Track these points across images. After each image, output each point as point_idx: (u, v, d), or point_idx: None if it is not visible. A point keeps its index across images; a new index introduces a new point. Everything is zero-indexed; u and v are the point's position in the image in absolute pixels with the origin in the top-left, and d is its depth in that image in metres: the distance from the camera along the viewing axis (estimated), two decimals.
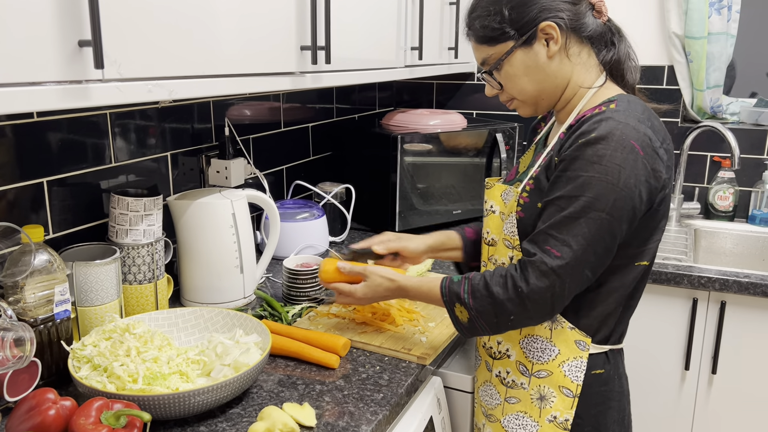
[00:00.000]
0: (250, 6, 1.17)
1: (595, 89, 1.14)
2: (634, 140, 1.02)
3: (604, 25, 1.15)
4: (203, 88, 1.09)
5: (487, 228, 1.25)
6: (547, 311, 1.07)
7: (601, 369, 1.16)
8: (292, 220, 1.89)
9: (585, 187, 1.03)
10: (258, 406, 1.13)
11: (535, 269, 1.05)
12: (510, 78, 1.16)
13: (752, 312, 1.88)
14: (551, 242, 1.04)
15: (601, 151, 1.02)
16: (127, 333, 1.17)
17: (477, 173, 2.24)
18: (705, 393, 1.98)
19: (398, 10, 1.77)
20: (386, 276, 1.27)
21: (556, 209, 1.05)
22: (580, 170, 1.03)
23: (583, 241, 1.03)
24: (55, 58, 0.82)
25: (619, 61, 1.16)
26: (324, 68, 1.41)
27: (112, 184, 1.48)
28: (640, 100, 1.11)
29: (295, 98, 2.12)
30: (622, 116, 1.04)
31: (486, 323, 1.11)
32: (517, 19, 1.10)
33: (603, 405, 1.17)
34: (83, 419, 0.92)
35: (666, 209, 1.12)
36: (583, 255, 1.03)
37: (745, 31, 2.40)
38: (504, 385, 1.22)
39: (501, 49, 1.14)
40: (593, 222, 1.02)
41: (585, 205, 1.02)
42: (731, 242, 2.34)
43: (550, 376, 1.16)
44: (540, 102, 1.17)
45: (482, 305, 1.10)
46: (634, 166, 1.02)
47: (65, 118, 1.34)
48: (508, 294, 1.07)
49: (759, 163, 2.36)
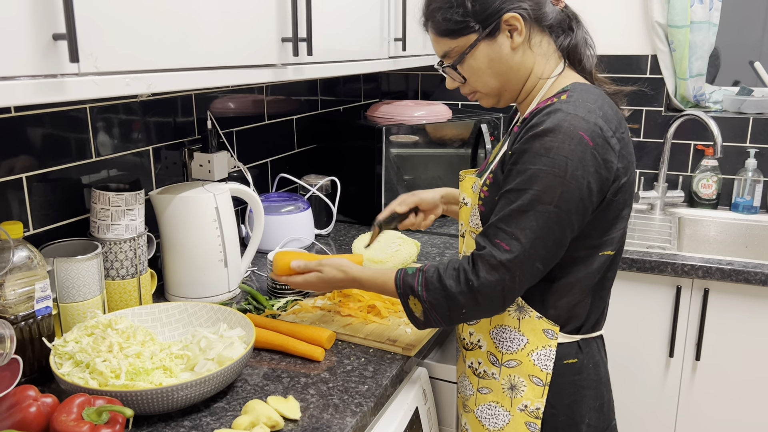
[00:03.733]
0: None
1: (554, 78, 1.13)
2: (582, 131, 1.01)
3: (561, 12, 1.14)
4: (182, 81, 1.08)
5: (461, 220, 1.25)
6: (498, 304, 1.06)
7: (574, 358, 1.16)
8: (277, 213, 1.88)
9: (532, 180, 1.02)
10: (242, 400, 1.13)
11: (485, 263, 1.04)
12: (474, 71, 1.14)
13: (735, 299, 1.90)
14: (500, 236, 1.04)
15: (549, 143, 1.01)
16: (110, 329, 1.16)
17: (463, 164, 2.24)
18: (689, 379, 2.00)
19: (381, 1, 1.76)
20: (340, 268, 1.26)
21: (506, 202, 1.05)
22: (528, 163, 1.03)
23: (532, 234, 1.02)
24: (29, 52, 0.81)
25: (576, 47, 1.15)
26: (306, 60, 1.40)
27: (94, 178, 1.46)
28: (596, 89, 1.10)
29: (279, 90, 2.11)
30: (572, 107, 1.03)
31: (439, 316, 1.10)
32: (480, 11, 1.08)
33: (577, 394, 1.17)
34: (65, 416, 0.92)
35: (626, 198, 1.11)
36: (532, 248, 1.03)
37: (728, 19, 2.41)
38: (476, 376, 1.23)
39: (464, 42, 1.11)
40: (541, 215, 1.02)
41: (532, 198, 1.02)
42: (715, 230, 2.36)
43: (520, 365, 1.16)
44: (503, 94, 1.17)
45: (435, 298, 1.09)
46: (582, 158, 1.01)
47: (45, 112, 1.32)
48: (460, 287, 1.06)
49: (741, 151, 2.37)
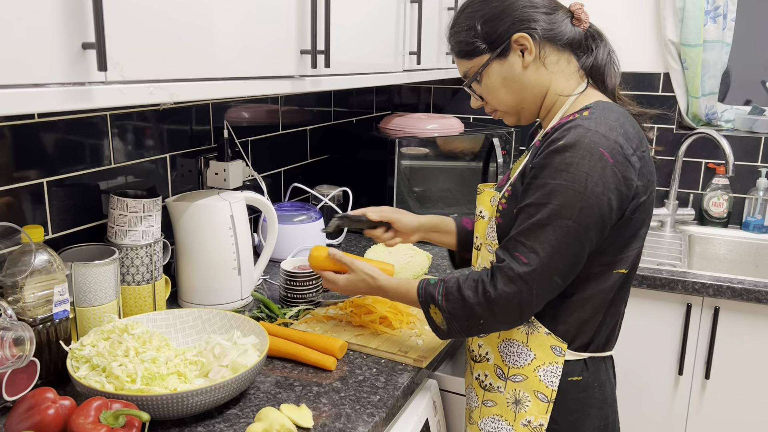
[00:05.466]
0: (251, 10, 1.18)
1: (575, 96, 1.14)
2: (603, 148, 1.02)
3: (584, 32, 1.15)
4: (204, 90, 1.10)
5: (477, 233, 1.25)
6: (515, 317, 1.07)
7: (579, 376, 1.15)
8: (290, 222, 1.90)
9: (552, 195, 1.03)
10: (255, 407, 1.14)
11: (503, 275, 1.06)
12: (489, 90, 1.18)
13: (745, 318, 1.90)
14: (520, 249, 1.05)
15: (569, 158, 1.03)
16: (126, 333, 1.17)
17: (473, 178, 2.25)
18: (698, 398, 1.99)
19: (397, 15, 1.78)
20: (369, 273, 1.30)
21: (526, 216, 1.06)
22: (549, 178, 1.04)
23: (550, 248, 1.03)
24: (58, 60, 0.83)
25: (599, 66, 1.16)
26: (323, 72, 1.41)
27: (111, 185, 1.48)
28: (618, 107, 1.11)
29: (294, 101, 2.13)
30: (592, 123, 1.04)
31: (459, 326, 1.12)
32: (490, 32, 1.13)
33: (581, 412, 1.16)
34: (82, 419, 0.93)
35: (644, 217, 1.11)
36: (550, 262, 1.04)
37: (740, 39, 2.42)
38: (482, 388, 1.23)
39: (478, 62, 1.16)
40: (560, 229, 1.03)
41: (552, 213, 1.03)
42: (725, 248, 2.36)
43: (526, 380, 1.16)
44: (522, 111, 1.19)
45: (454, 308, 1.11)
46: (603, 174, 1.02)
47: (65, 119, 1.34)
48: (477, 298, 1.08)
49: (753, 170, 2.38)
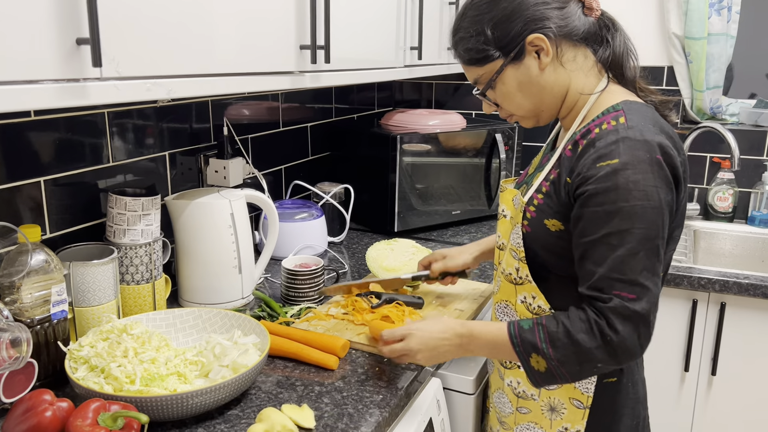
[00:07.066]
0: (250, 5, 1.16)
1: (597, 94, 1.09)
2: (659, 155, 0.98)
3: (597, 21, 1.09)
4: (202, 87, 1.08)
5: (499, 232, 1.23)
6: (637, 354, 1.01)
7: (614, 377, 1.12)
8: (291, 220, 1.88)
9: (633, 218, 0.97)
10: (256, 408, 1.12)
11: (618, 315, 0.98)
12: (505, 96, 1.12)
13: (752, 313, 1.88)
14: (618, 286, 0.98)
15: (633, 176, 0.97)
16: (125, 334, 1.16)
17: (476, 174, 2.24)
18: (704, 394, 1.97)
19: (398, 10, 1.76)
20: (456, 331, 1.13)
21: (609, 248, 0.98)
22: (621, 201, 0.97)
23: (649, 274, 0.98)
24: (52, 57, 0.81)
25: (617, 58, 1.10)
26: (323, 68, 1.40)
27: (110, 183, 1.47)
28: (645, 106, 1.06)
29: (294, 98, 2.11)
30: (638, 133, 0.99)
31: (567, 372, 1.02)
32: (501, 36, 1.06)
33: (616, 414, 1.13)
34: (80, 421, 0.91)
35: (680, 219, 1.08)
36: (654, 286, 0.99)
37: (745, 32, 2.40)
38: (515, 395, 1.21)
39: (491, 69, 1.10)
40: (651, 252, 0.98)
41: (641, 237, 0.97)
42: (731, 243, 2.34)
43: (560, 387, 1.14)
44: (540, 114, 1.14)
45: (565, 355, 1.01)
46: (667, 182, 0.99)
47: (63, 117, 1.33)
48: (596, 342, 0.99)
49: (758, 164, 2.35)
